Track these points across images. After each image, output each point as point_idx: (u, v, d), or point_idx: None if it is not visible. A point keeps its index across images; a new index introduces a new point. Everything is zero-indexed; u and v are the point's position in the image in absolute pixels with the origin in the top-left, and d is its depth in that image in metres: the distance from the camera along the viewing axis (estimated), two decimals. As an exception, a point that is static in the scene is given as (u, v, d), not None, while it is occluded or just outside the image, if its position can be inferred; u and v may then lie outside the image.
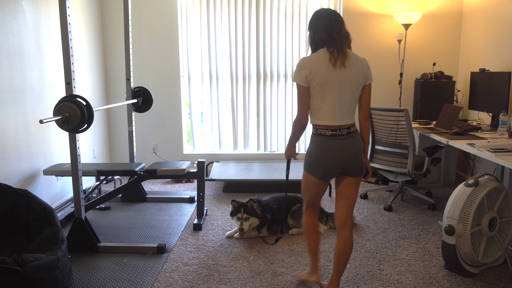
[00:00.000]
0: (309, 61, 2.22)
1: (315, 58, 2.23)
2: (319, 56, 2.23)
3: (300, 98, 2.26)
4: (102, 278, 2.69)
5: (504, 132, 3.51)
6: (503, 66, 4.10)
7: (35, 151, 3.62)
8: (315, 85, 2.22)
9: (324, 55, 2.22)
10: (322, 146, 2.29)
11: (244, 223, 3.22)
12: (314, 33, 2.28)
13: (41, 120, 2.51)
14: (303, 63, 2.24)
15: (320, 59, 2.22)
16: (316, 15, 2.29)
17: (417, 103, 4.71)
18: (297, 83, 2.25)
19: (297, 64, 2.26)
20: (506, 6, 4.07)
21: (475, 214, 2.61)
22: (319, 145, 2.30)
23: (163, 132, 5.26)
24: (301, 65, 2.24)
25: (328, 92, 2.23)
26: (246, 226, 3.23)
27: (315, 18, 2.28)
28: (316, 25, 2.26)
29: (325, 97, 2.24)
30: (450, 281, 2.64)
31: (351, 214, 2.42)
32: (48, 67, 3.80)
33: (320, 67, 2.21)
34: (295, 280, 2.66)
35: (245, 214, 3.23)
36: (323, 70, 2.20)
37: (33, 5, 3.58)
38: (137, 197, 4.24)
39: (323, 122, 2.27)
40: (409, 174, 3.76)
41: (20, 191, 2.78)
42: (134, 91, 4.19)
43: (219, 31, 5.06)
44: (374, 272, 2.77)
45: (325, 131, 2.28)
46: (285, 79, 5.16)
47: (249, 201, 3.30)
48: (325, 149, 2.29)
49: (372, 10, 4.97)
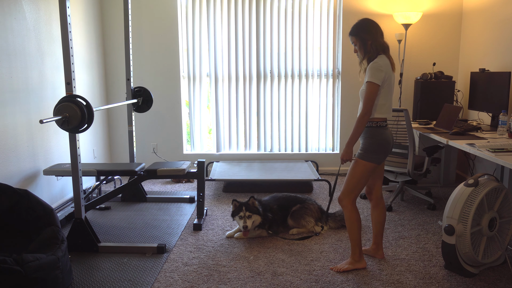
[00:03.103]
0: (384, 65, 2.62)
1: (386, 62, 2.64)
2: (386, 61, 2.65)
3: (372, 96, 2.60)
4: (102, 278, 2.69)
5: (504, 132, 3.51)
6: (503, 66, 4.10)
7: (35, 151, 3.62)
8: (385, 85, 2.64)
9: (387, 60, 2.65)
10: (385, 135, 2.71)
11: (247, 220, 3.22)
12: (373, 40, 2.65)
13: (41, 120, 2.51)
14: (380, 66, 2.60)
15: (388, 63, 2.65)
16: (370, 23, 2.69)
17: (417, 103, 4.71)
18: (375, 82, 2.58)
19: (373, 67, 2.60)
20: (506, 6, 4.07)
21: (475, 214, 2.61)
22: (383, 135, 2.70)
23: (163, 132, 5.26)
24: (379, 68, 2.59)
25: (390, 90, 2.71)
26: (250, 224, 3.22)
27: (371, 26, 2.68)
28: (375, 33, 2.66)
29: (389, 95, 2.70)
30: (450, 281, 2.64)
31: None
32: (48, 67, 3.80)
33: (389, 70, 2.66)
34: (295, 280, 2.67)
35: (247, 212, 3.23)
36: (390, 72, 2.66)
37: (33, 5, 3.58)
38: (137, 197, 4.24)
39: (386, 116, 2.71)
40: (409, 174, 3.76)
41: (20, 191, 2.78)
42: (134, 91, 4.19)
43: (219, 31, 5.06)
44: (374, 272, 2.77)
45: (384, 123, 2.71)
46: (285, 79, 5.16)
47: (250, 198, 3.31)
48: (387, 137, 2.72)
49: (372, 10, 4.97)
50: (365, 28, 2.66)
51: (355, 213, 2.76)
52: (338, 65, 5.14)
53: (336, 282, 2.63)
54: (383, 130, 2.70)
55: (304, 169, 4.75)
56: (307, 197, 3.62)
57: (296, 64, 5.13)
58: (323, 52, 5.13)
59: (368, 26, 2.67)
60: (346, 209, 2.77)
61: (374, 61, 2.61)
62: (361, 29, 2.68)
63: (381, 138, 2.68)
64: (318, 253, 3.04)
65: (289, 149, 5.32)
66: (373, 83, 2.58)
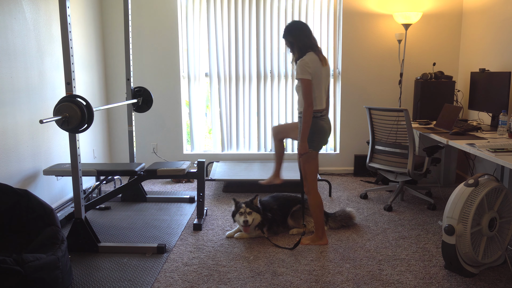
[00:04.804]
0: (310, 61, 2.89)
1: (313, 58, 2.91)
2: (314, 57, 2.92)
3: (308, 90, 2.88)
4: (102, 278, 2.69)
5: (504, 132, 3.51)
6: (503, 66, 4.10)
7: (35, 151, 3.62)
8: (314, 79, 2.91)
9: (315, 56, 2.93)
10: (320, 125, 3.01)
11: (248, 216, 3.23)
12: (298, 41, 2.95)
13: (41, 120, 2.51)
14: (306, 63, 2.88)
15: (316, 59, 2.92)
16: (295, 26, 2.99)
17: (417, 103, 4.71)
18: (306, 78, 2.86)
19: (300, 64, 2.88)
20: (506, 6, 4.07)
21: (475, 214, 2.61)
22: (318, 124, 2.99)
23: (163, 132, 5.26)
24: (305, 64, 2.88)
25: (320, 84, 2.96)
26: (250, 219, 3.23)
27: (296, 28, 2.98)
28: (299, 34, 2.96)
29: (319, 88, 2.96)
30: (450, 281, 2.64)
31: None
32: (48, 67, 3.80)
33: (317, 65, 2.92)
34: (295, 280, 2.67)
35: (248, 209, 3.25)
36: (318, 67, 2.93)
37: (33, 5, 3.58)
38: (137, 197, 4.24)
39: (320, 107, 2.99)
40: (409, 174, 3.76)
41: (20, 191, 2.78)
42: (134, 91, 4.19)
43: (219, 31, 5.05)
44: (374, 272, 2.77)
45: (318, 114, 2.98)
46: (285, 79, 5.16)
47: (256, 197, 3.33)
48: (324, 126, 3.02)
49: (372, 10, 4.97)
50: (290, 31, 2.99)
51: (319, 197, 3.14)
52: (338, 65, 5.14)
53: (336, 282, 2.63)
54: (318, 120, 2.99)
55: (304, 169, 4.75)
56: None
57: (296, 64, 5.13)
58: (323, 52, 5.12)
59: (293, 29, 2.99)
60: (310, 195, 3.12)
61: (301, 59, 2.90)
62: (287, 32, 3.01)
63: (317, 128, 2.99)
64: (318, 253, 3.04)
65: (289, 149, 5.32)
66: (305, 79, 2.88)
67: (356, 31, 5.01)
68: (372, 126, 4.00)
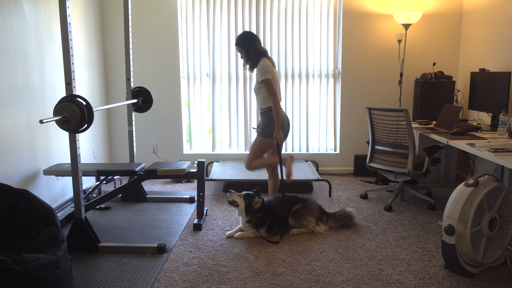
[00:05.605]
0: (267, 65, 3.44)
1: (268, 62, 3.47)
2: (268, 61, 3.47)
3: (272, 88, 3.42)
4: (102, 278, 2.69)
5: (504, 132, 3.52)
6: (503, 66, 4.10)
7: (35, 151, 3.62)
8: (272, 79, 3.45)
9: (268, 61, 3.48)
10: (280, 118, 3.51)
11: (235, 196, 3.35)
12: (253, 48, 3.45)
13: (41, 120, 2.51)
14: (265, 66, 3.42)
15: (269, 63, 3.48)
16: (250, 35, 3.46)
17: (417, 103, 4.71)
18: (268, 78, 3.40)
19: (261, 68, 3.41)
20: (506, 6, 4.07)
21: (475, 214, 2.61)
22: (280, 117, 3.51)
23: (163, 132, 5.26)
24: (265, 68, 3.42)
25: (276, 83, 3.53)
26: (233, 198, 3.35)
27: (251, 37, 3.46)
28: (254, 42, 3.46)
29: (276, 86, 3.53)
30: (450, 281, 2.64)
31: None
32: (48, 67, 3.80)
33: (272, 67, 3.49)
34: (295, 280, 2.67)
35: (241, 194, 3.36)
36: (272, 69, 3.50)
37: (33, 5, 3.58)
38: (137, 197, 4.24)
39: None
40: (409, 174, 3.76)
41: (20, 191, 2.78)
42: (134, 91, 4.20)
43: (219, 31, 5.06)
44: (374, 272, 2.77)
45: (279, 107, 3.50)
46: (286, 79, 5.16)
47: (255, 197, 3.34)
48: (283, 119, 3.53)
49: (372, 10, 4.97)
50: (246, 39, 3.44)
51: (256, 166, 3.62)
52: (338, 65, 5.14)
53: (336, 282, 2.64)
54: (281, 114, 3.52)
55: (304, 169, 4.75)
56: (307, 197, 3.62)
57: (296, 64, 5.13)
58: (323, 52, 5.13)
59: (249, 38, 3.45)
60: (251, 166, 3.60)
61: (260, 64, 3.42)
62: (243, 40, 3.45)
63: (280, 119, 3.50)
64: (318, 253, 3.04)
65: (289, 149, 5.32)
66: (267, 79, 3.39)
67: (356, 31, 5.01)
68: (372, 126, 4.00)
